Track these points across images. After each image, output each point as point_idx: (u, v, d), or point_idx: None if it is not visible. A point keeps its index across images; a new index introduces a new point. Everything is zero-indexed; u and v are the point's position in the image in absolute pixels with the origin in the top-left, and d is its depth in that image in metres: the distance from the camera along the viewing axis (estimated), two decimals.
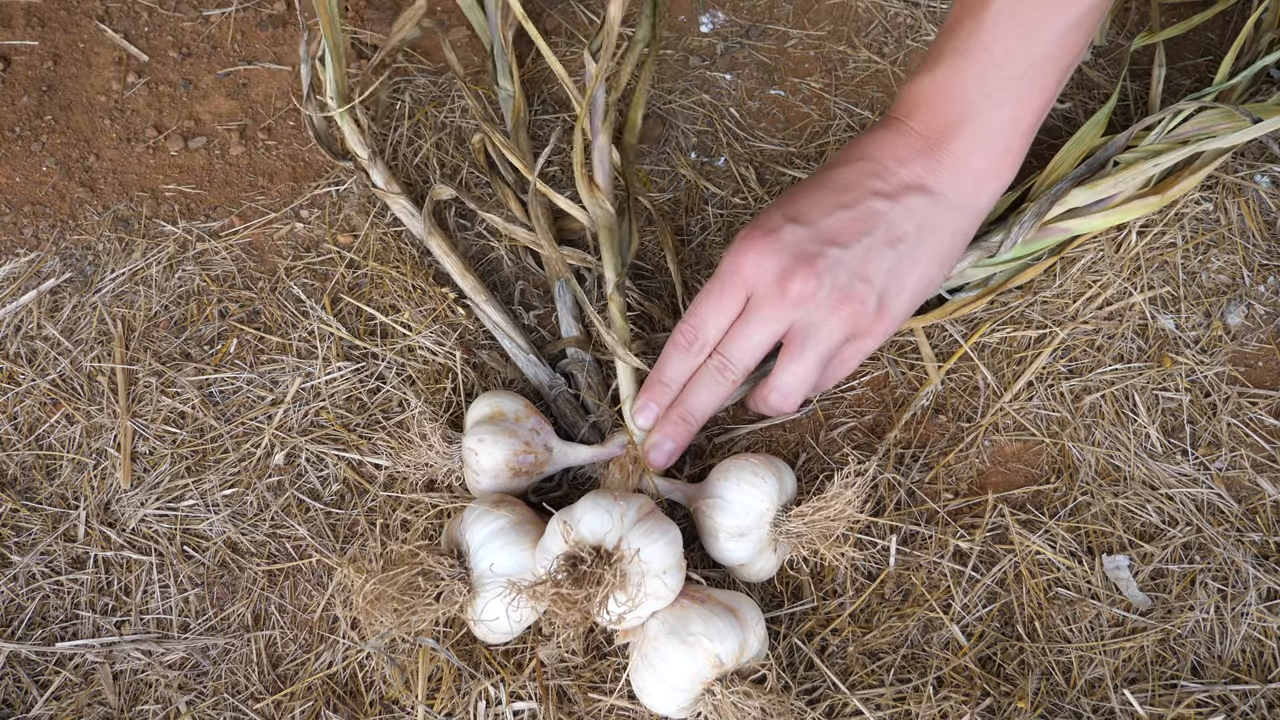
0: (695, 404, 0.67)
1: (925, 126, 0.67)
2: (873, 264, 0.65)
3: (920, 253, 0.66)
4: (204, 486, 0.71)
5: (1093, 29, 0.65)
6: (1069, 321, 0.75)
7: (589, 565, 0.58)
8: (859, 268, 0.65)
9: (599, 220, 0.76)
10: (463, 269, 0.76)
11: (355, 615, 0.60)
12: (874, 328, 0.66)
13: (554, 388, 0.72)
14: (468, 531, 0.63)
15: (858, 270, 0.65)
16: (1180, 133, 0.75)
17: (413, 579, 0.60)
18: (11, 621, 0.68)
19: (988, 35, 0.64)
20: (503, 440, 0.66)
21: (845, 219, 0.66)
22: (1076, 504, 0.69)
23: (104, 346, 0.76)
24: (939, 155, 0.67)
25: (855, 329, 0.66)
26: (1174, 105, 0.74)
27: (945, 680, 0.64)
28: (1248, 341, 0.75)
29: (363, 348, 0.75)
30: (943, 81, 0.66)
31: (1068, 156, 0.76)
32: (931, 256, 0.67)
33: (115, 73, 0.88)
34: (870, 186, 0.66)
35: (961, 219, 0.68)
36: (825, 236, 0.65)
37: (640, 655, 0.60)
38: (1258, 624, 0.65)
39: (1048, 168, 0.76)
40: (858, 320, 0.65)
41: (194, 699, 0.65)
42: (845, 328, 0.65)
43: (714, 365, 0.67)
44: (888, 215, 0.66)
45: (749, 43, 0.90)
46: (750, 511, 0.64)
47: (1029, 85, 0.65)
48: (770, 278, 0.65)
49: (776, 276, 0.64)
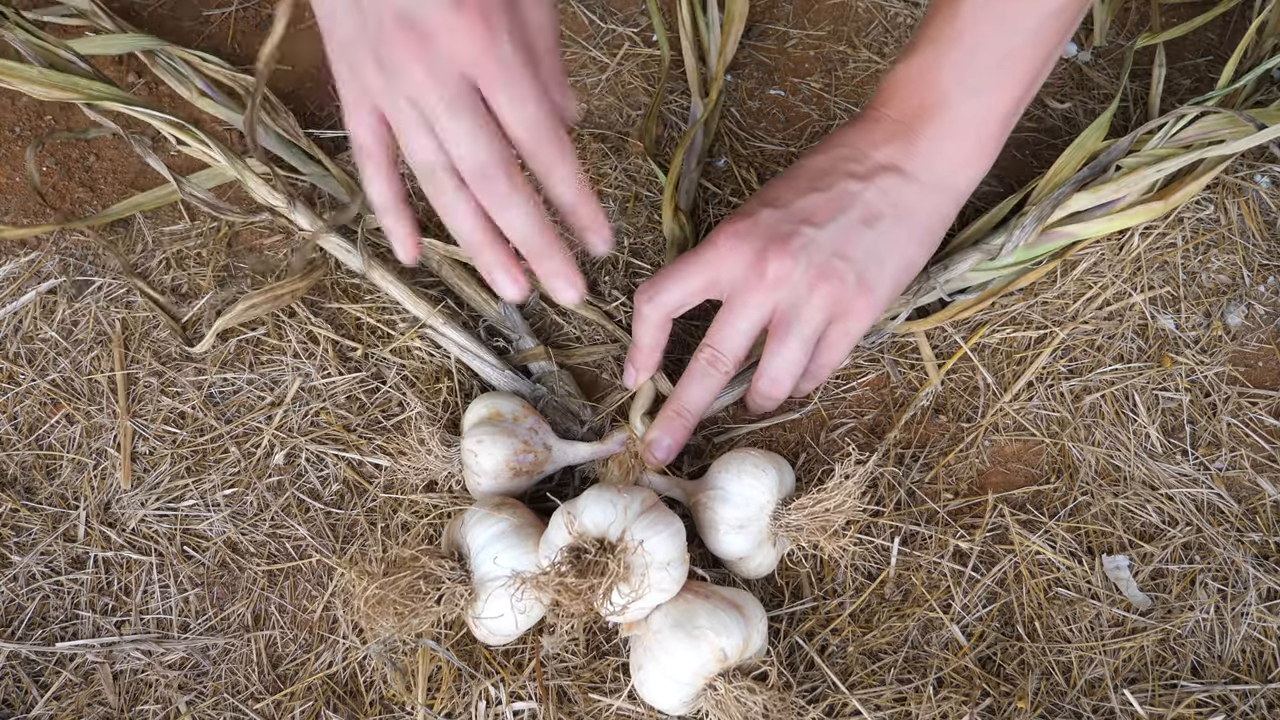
0: (689, 399, 0.67)
1: (900, 113, 0.67)
2: (849, 242, 0.65)
3: (898, 232, 0.67)
4: (204, 486, 0.71)
5: (1074, 21, 0.65)
6: (1069, 322, 0.75)
7: (593, 556, 0.58)
8: (836, 245, 0.65)
9: (671, 239, 0.77)
10: (413, 296, 0.74)
11: (357, 619, 0.60)
12: (856, 305, 0.66)
13: (538, 397, 0.72)
14: (469, 534, 0.63)
15: (835, 248, 0.65)
16: (1183, 137, 0.75)
17: (414, 583, 0.60)
18: (11, 621, 0.68)
19: (963, 23, 0.64)
20: (502, 440, 0.66)
21: (820, 200, 0.66)
22: (1076, 504, 0.69)
23: (104, 346, 0.76)
24: (913, 139, 0.67)
25: (837, 308, 0.66)
26: (1177, 110, 0.74)
27: (945, 680, 0.64)
28: (1248, 341, 0.75)
29: (361, 349, 0.75)
30: (918, 69, 0.66)
31: (1070, 160, 0.76)
32: (910, 236, 0.67)
33: (115, 72, 0.88)
34: (844, 169, 0.67)
35: (939, 201, 0.68)
36: (799, 216, 0.65)
37: (643, 648, 0.60)
38: (1258, 624, 0.65)
39: (1050, 171, 0.76)
40: (838, 298, 0.65)
41: (194, 699, 0.65)
42: (826, 306, 0.65)
43: (704, 359, 0.67)
44: (862, 195, 0.66)
45: (749, 43, 0.90)
46: (751, 503, 0.64)
47: (1006, 74, 0.65)
48: (747, 261, 0.65)
49: (753, 259, 0.65)
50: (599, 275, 0.78)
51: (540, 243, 0.58)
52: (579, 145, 0.84)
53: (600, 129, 0.85)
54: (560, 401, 0.72)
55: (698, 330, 0.72)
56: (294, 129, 0.80)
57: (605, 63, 0.88)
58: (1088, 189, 0.74)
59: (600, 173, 0.83)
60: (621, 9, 0.91)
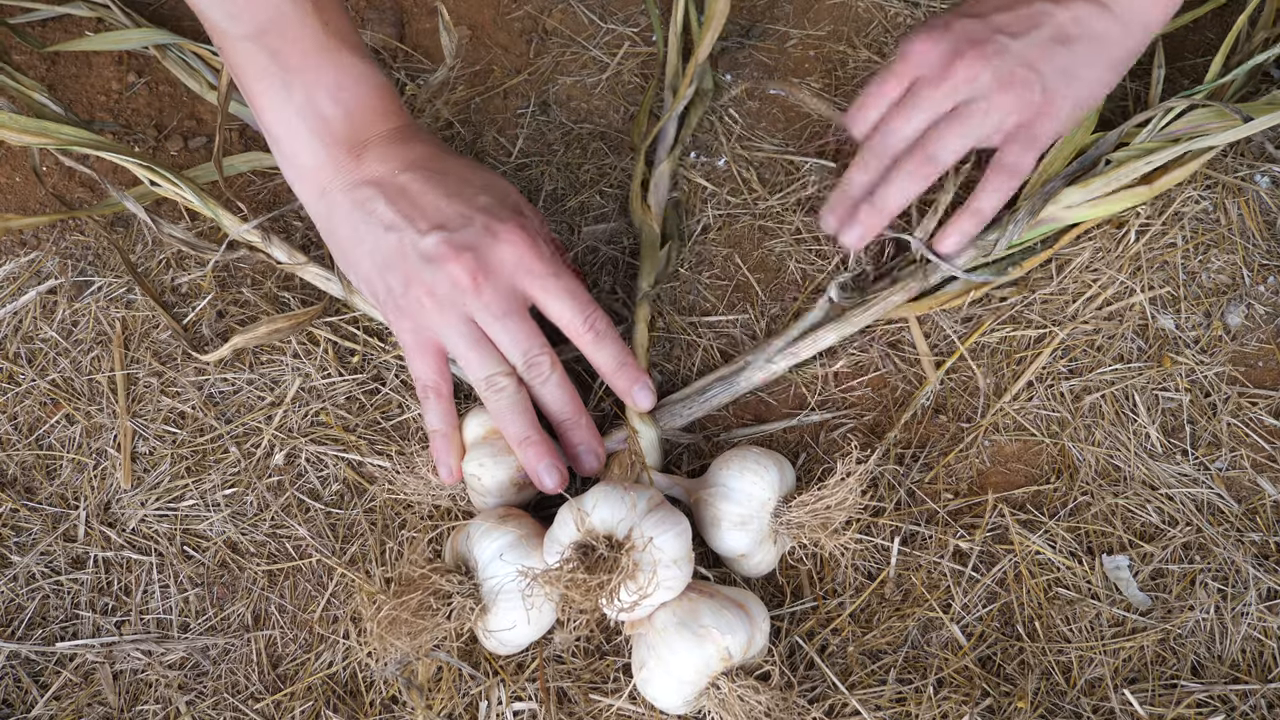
0: (885, 198, 0.70)
1: None
2: (1041, 56, 0.67)
3: (1089, 56, 0.68)
4: (204, 486, 0.71)
5: None
6: (1069, 321, 0.75)
7: (603, 552, 0.58)
8: (1027, 57, 0.67)
9: (644, 237, 0.78)
10: None
11: (370, 641, 0.60)
12: (1038, 117, 0.68)
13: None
14: (475, 547, 0.62)
15: (1026, 59, 0.67)
16: (1172, 130, 0.76)
17: (424, 600, 0.60)
18: (11, 621, 0.68)
19: None
20: (503, 460, 0.66)
21: (1016, 14, 0.68)
22: (1076, 504, 0.69)
23: (104, 346, 0.76)
24: None
25: (1020, 115, 0.68)
26: (1165, 103, 0.75)
27: (945, 680, 0.64)
28: (1248, 341, 0.75)
29: (361, 350, 0.75)
30: None
31: (1059, 154, 0.77)
32: (1098, 63, 0.69)
33: (115, 72, 0.88)
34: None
35: (1131, 34, 0.69)
36: (995, 26, 0.68)
37: (647, 647, 0.60)
38: (1258, 624, 0.66)
39: (1040, 165, 0.76)
40: (1023, 106, 0.67)
41: (194, 699, 0.65)
42: (1009, 109, 0.68)
43: (915, 158, 0.69)
44: (1056, 16, 0.68)
45: (749, 43, 0.90)
46: (753, 499, 0.64)
47: None
48: (939, 60, 0.68)
49: (945, 59, 0.67)
50: (599, 275, 0.78)
51: (572, 412, 0.66)
52: (579, 145, 0.85)
53: (600, 127, 0.85)
54: None
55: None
56: None
57: (605, 62, 0.88)
58: (1078, 183, 0.74)
59: (600, 171, 0.83)
60: (621, 9, 0.91)
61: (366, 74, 0.63)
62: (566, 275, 0.65)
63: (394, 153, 0.64)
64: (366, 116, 0.64)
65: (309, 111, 0.62)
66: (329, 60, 0.61)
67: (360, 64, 0.63)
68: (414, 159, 0.64)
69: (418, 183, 0.63)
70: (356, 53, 0.63)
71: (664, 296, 0.78)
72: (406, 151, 0.64)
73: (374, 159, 0.63)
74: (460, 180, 0.65)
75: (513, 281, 0.64)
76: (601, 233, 0.80)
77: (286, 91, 0.61)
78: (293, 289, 0.78)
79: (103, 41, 0.83)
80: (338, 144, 0.63)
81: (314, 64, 0.61)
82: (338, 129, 0.63)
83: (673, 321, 0.76)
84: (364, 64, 0.63)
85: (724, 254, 0.79)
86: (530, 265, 0.63)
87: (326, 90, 0.62)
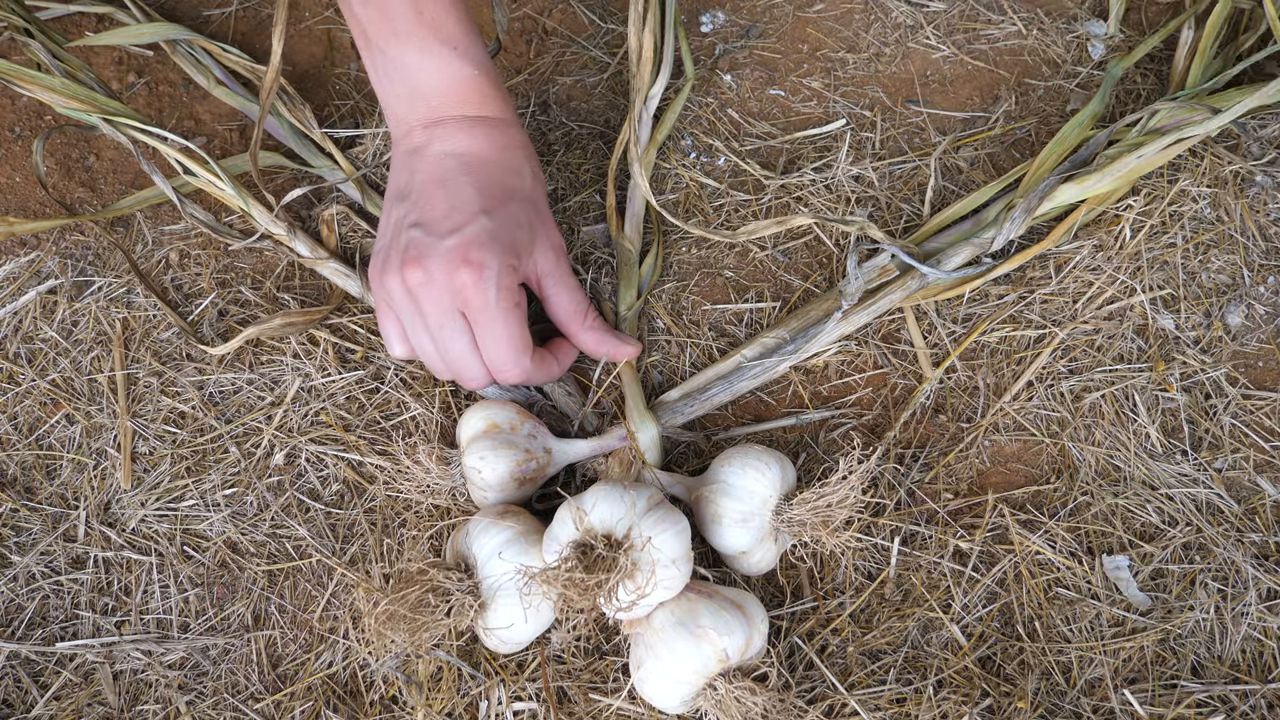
0: None
1: None
2: None
3: None
4: (204, 486, 0.71)
5: None
6: (1069, 321, 0.75)
7: (601, 551, 0.58)
8: None
9: (620, 256, 0.77)
10: None
11: (368, 636, 0.60)
12: None
13: (533, 402, 0.72)
14: (474, 544, 0.62)
15: None
16: (1157, 126, 0.78)
17: (423, 596, 0.60)
18: (11, 621, 0.68)
19: None
20: (504, 453, 0.66)
21: None
22: (1076, 504, 0.69)
23: (104, 346, 0.76)
24: None
25: None
26: (1150, 106, 0.77)
27: (945, 681, 0.64)
28: (1248, 341, 0.75)
29: (360, 350, 0.75)
30: None
31: (1051, 154, 0.78)
32: None
33: (115, 72, 0.88)
34: None
35: None
36: None
37: (645, 646, 0.60)
38: (1258, 624, 0.65)
39: (1034, 163, 0.78)
40: None
41: (194, 699, 0.65)
42: None
43: None
44: None
45: (749, 43, 0.90)
46: (754, 496, 0.64)
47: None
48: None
49: None
50: (599, 275, 0.78)
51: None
52: (579, 145, 0.85)
53: (600, 127, 0.85)
54: (551, 405, 0.72)
55: None
56: (309, 121, 0.80)
57: (606, 62, 0.88)
58: (1073, 180, 0.76)
59: (600, 171, 0.83)
60: (621, 9, 0.91)
61: (445, 63, 0.69)
62: (500, 320, 0.66)
63: (449, 136, 0.69)
64: (439, 100, 0.69)
65: (387, 85, 0.70)
66: (413, 45, 0.68)
67: (442, 51, 0.68)
68: (460, 151, 0.69)
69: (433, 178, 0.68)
70: (445, 42, 0.68)
71: (664, 296, 0.78)
72: (460, 141, 0.69)
73: (439, 138, 0.69)
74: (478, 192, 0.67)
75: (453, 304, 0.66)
76: (600, 233, 0.80)
77: (374, 63, 0.70)
78: (291, 290, 0.78)
79: (121, 35, 0.84)
80: (413, 114, 0.70)
81: (396, 47, 0.68)
82: (409, 105, 0.70)
83: (672, 321, 0.76)
84: (445, 51, 0.69)
85: (723, 253, 0.79)
86: (468, 299, 0.65)
87: (401, 71, 0.69)
